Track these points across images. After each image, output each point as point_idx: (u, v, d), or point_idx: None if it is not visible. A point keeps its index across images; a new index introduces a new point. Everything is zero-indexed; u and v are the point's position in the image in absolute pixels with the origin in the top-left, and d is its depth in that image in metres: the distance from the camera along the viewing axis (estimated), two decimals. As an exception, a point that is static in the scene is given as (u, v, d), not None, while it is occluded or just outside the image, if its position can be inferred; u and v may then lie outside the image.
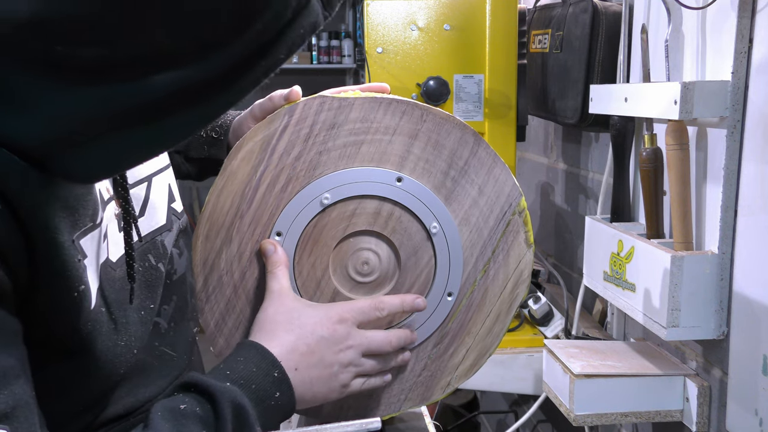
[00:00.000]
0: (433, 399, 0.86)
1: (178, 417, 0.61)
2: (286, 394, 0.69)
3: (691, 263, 1.04)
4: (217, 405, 0.62)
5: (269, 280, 0.76)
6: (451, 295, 0.82)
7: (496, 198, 0.82)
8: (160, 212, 0.71)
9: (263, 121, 0.80)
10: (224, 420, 0.62)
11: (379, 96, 0.80)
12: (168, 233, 0.71)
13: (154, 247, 0.67)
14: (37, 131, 0.47)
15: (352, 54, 4.38)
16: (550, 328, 1.58)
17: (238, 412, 0.63)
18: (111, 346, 0.59)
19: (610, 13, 1.39)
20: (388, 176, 0.80)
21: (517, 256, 0.83)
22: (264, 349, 0.69)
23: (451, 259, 0.82)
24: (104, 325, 0.58)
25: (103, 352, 0.58)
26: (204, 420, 0.62)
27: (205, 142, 0.94)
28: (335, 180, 0.79)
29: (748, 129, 1.00)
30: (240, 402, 0.63)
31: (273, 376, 0.68)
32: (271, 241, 0.79)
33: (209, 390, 0.63)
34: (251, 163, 0.79)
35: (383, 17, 1.49)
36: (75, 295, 0.54)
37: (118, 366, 0.60)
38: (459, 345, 0.84)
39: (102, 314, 0.58)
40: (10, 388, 0.48)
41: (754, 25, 0.99)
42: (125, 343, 0.61)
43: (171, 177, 0.76)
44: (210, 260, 0.81)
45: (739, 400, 1.02)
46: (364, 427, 0.65)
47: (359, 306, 0.76)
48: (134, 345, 0.62)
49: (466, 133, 0.81)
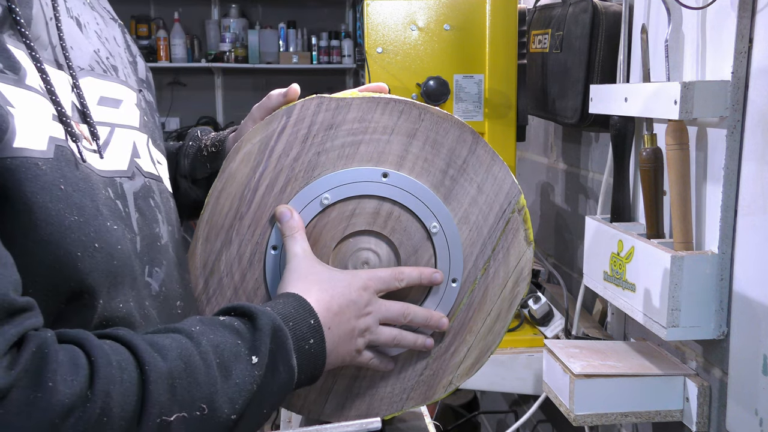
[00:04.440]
0: (435, 398, 0.86)
1: (216, 324, 0.62)
2: (319, 345, 0.70)
3: (691, 263, 1.04)
4: (257, 322, 0.64)
5: (290, 244, 0.78)
6: (456, 282, 0.82)
7: (495, 196, 0.82)
8: (122, 158, 0.70)
9: (261, 122, 0.80)
10: (262, 334, 0.63)
11: (376, 96, 0.80)
12: (129, 180, 0.69)
13: (112, 184, 0.66)
14: None
15: (352, 54, 4.38)
16: (550, 328, 1.58)
17: (276, 334, 0.65)
18: (55, 210, 0.56)
19: (610, 13, 1.39)
20: (374, 173, 0.80)
21: (517, 254, 0.83)
22: (303, 298, 0.71)
23: (451, 257, 0.81)
24: (41, 176, 0.55)
25: (40, 208, 0.55)
26: (240, 333, 0.63)
27: (207, 159, 0.95)
28: (334, 180, 0.79)
29: (748, 129, 1.00)
30: (279, 325, 0.65)
31: (309, 323, 0.70)
32: (286, 206, 0.79)
33: (250, 310, 0.65)
34: (250, 165, 0.79)
35: (383, 17, 1.49)
36: None
37: (74, 245, 0.57)
38: (460, 344, 0.84)
39: (39, 167, 0.55)
40: None
41: (754, 25, 0.99)
42: (81, 222, 0.58)
43: (139, 138, 0.75)
44: (210, 262, 0.81)
45: (739, 400, 1.02)
46: (364, 427, 0.65)
47: (380, 275, 0.78)
48: (98, 239, 0.60)
49: (464, 132, 0.81)
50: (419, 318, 0.80)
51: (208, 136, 0.99)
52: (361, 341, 0.77)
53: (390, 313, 0.79)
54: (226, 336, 0.62)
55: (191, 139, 0.99)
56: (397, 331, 0.80)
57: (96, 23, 0.77)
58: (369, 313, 0.77)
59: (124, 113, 0.74)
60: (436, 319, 0.81)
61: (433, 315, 0.81)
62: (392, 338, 0.79)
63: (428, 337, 0.83)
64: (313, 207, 0.80)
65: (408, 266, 0.81)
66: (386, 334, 0.79)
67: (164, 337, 0.59)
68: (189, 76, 4.59)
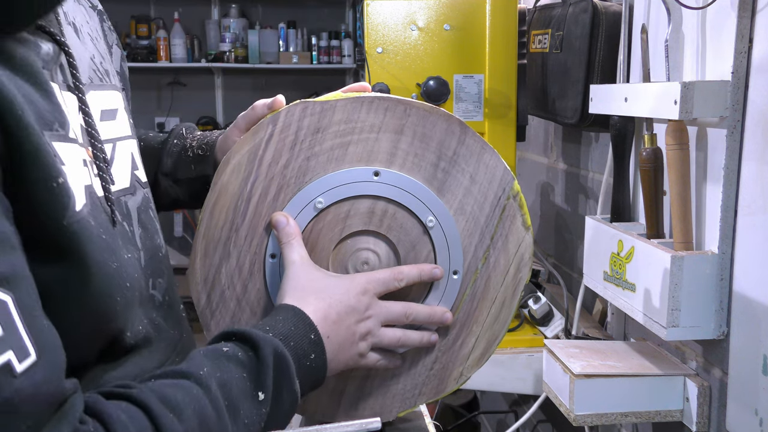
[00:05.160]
0: (448, 391, 0.86)
1: (220, 357, 0.62)
2: (320, 358, 0.70)
3: (691, 263, 1.04)
4: (260, 352, 0.64)
5: (287, 251, 0.77)
6: (457, 273, 0.82)
7: (488, 184, 0.81)
8: (124, 175, 0.70)
9: (248, 132, 0.80)
10: (266, 366, 0.63)
11: (361, 95, 0.80)
12: (131, 197, 0.70)
13: (118, 205, 0.66)
14: None
15: (352, 54, 4.38)
16: (550, 328, 1.58)
17: (280, 361, 0.65)
18: (102, 262, 0.57)
19: (610, 13, 1.39)
20: (366, 173, 0.80)
21: (516, 240, 0.83)
22: (301, 311, 0.71)
23: (450, 250, 0.81)
24: (94, 236, 0.56)
25: (95, 263, 0.56)
26: (245, 365, 0.63)
27: (192, 160, 0.94)
28: (326, 183, 0.79)
29: (748, 129, 1.00)
30: (282, 352, 0.65)
31: (310, 338, 0.69)
32: (282, 213, 0.79)
33: (252, 338, 0.64)
34: (241, 176, 0.79)
35: (383, 17, 1.49)
36: (54, 185, 0.52)
37: (115, 291, 0.59)
38: (467, 335, 0.84)
39: (91, 226, 0.56)
40: (8, 257, 0.47)
41: (754, 25, 0.99)
42: (117, 267, 0.59)
43: (134, 147, 0.75)
44: (210, 277, 0.81)
45: (739, 400, 1.02)
46: (364, 427, 0.65)
47: (379, 277, 0.78)
48: (126, 277, 0.61)
49: (452, 123, 0.80)
50: (422, 316, 0.80)
51: (193, 135, 0.97)
52: (363, 345, 0.76)
53: (391, 315, 0.78)
54: (231, 371, 0.62)
55: (176, 137, 0.97)
56: (401, 332, 0.79)
57: (86, 22, 0.75)
58: (369, 317, 0.76)
59: (120, 123, 0.73)
60: (439, 316, 0.81)
61: (436, 311, 0.81)
62: (396, 339, 0.79)
63: (433, 333, 0.82)
64: (307, 212, 0.80)
65: (407, 263, 0.81)
66: (390, 335, 0.79)
67: (175, 388, 0.58)
68: (189, 76, 4.59)
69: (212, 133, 0.97)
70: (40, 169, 0.52)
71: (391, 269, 0.80)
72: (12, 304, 0.46)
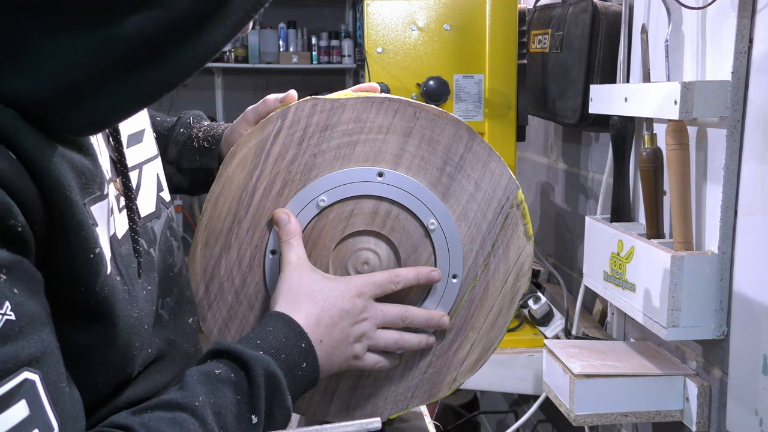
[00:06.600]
0: (440, 395, 0.86)
1: (214, 381, 0.62)
2: (312, 365, 0.70)
3: (691, 263, 1.04)
4: (251, 373, 0.64)
5: (285, 250, 0.77)
6: (456, 278, 0.82)
7: (493, 192, 0.81)
8: (150, 199, 0.71)
9: (256, 126, 0.80)
10: (258, 388, 0.63)
11: (371, 95, 0.80)
12: (157, 220, 0.71)
13: (145, 232, 0.67)
14: (40, 85, 0.49)
15: (352, 54, 4.38)
16: (550, 328, 1.58)
17: (271, 380, 0.65)
18: (127, 315, 0.59)
19: (610, 13, 1.39)
20: (371, 173, 0.80)
21: (517, 249, 0.83)
22: (292, 320, 0.71)
23: (451, 254, 0.81)
24: (120, 292, 0.58)
25: (121, 319, 0.58)
26: (238, 386, 0.63)
27: (197, 152, 0.94)
28: (331, 181, 0.79)
29: (748, 129, 1.00)
30: (273, 370, 0.65)
31: (300, 347, 0.69)
32: (284, 210, 0.79)
33: (243, 358, 0.64)
34: (246, 169, 0.79)
35: (383, 17, 1.49)
36: (91, 256, 0.54)
37: (135, 338, 0.60)
38: (463, 340, 0.84)
39: (117, 282, 0.58)
40: (38, 334, 0.49)
41: (754, 25, 0.99)
42: (137, 315, 0.61)
43: (159, 167, 0.76)
44: (210, 268, 0.81)
45: (739, 400, 1.02)
46: (364, 427, 0.65)
47: (376, 279, 0.78)
48: (144, 320, 0.62)
49: (460, 129, 0.81)
50: (419, 320, 0.80)
51: (200, 125, 0.97)
52: (358, 347, 0.76)
53: (388, 317, 0.78)
54: (225, 396, 0.62)
55: (182, 126, 0.97)
56: (398, 335, 0.79)
57: None
58: (365, 319, 0.76)
59: (146, 145, 0.73)
60: (436, 320, 0.81)
61: (433, 316, 0.81)
62: (393, 341, 0.79)
63: (430, 335, 0.82)
64: (310, 209, 0.80)
65: (408, 265, 0.81)
66: (386, 337, 0.78)
67: (173, 426, 0.58)
68: (189, 75, 4.59)
69: (219, 125, 0.97)
70: (80, 243, 0.53)
71: (388, 272, 0.79)
72: (40, 383, 0.48)
